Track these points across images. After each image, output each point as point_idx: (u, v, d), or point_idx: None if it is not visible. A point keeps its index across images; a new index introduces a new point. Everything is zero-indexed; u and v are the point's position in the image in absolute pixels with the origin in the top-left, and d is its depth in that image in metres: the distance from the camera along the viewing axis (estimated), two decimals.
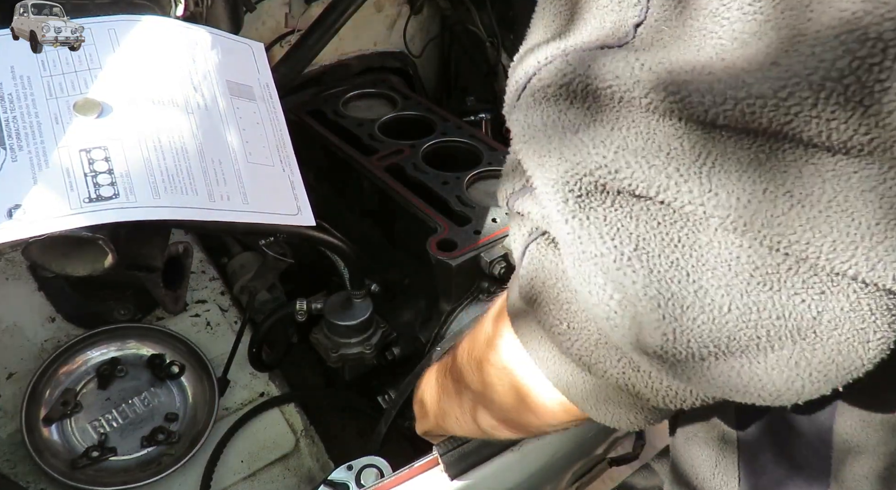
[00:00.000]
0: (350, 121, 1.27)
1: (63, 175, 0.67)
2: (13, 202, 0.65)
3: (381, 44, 1.51)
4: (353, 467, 0.80)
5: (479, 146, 1.21)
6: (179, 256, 1.08)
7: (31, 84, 0.72)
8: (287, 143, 0.86)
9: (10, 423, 1.08)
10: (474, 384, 0.61)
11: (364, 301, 1.09)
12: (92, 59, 0.74)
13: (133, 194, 0.68)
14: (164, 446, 1.10)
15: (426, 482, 0.75)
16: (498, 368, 0.56)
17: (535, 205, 0.44)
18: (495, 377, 0.57)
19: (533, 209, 0.44)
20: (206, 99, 0.79)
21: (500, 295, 0.62)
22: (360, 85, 1.40)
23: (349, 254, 1.01)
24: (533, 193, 0.44)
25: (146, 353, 1.18)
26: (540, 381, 0.50)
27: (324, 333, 1.11)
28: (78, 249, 0.72)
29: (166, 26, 0.80)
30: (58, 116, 0.70)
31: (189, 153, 0.74)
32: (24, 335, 1.16)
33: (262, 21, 1.31)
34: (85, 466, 1.06)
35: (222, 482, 1.10)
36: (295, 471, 1.14)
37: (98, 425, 1.10)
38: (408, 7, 1.51)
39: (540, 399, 0.52)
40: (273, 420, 1.17)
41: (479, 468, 0.77)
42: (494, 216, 1.05)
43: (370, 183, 1.15)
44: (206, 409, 1.14)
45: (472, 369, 0.61)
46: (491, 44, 1.46)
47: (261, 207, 0.77)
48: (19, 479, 1.03)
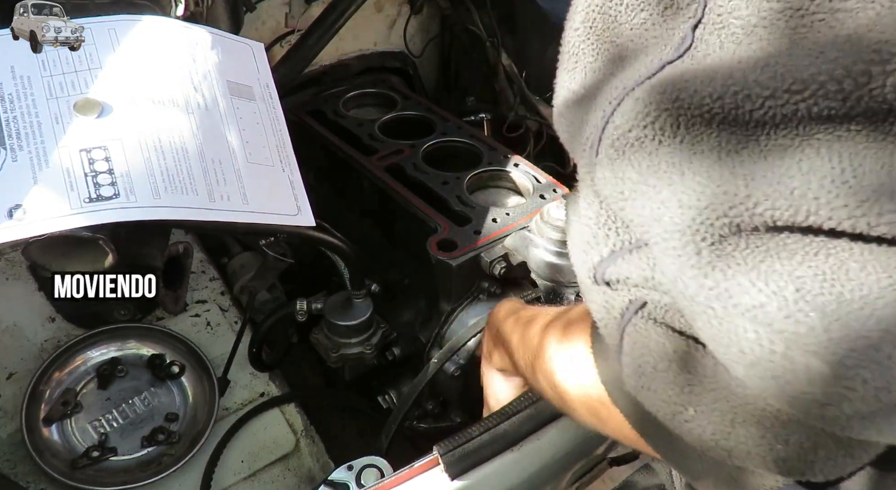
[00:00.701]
0: (350, 121, 1.27)
1: (63, 175, 0.67)
2: (13, 202, 0.65)
3: (381, 44, 1.51)
4: (354, 467, 0.80)
5: (479, 146, 1.21)
6: (179, 256, 1.08)
7: (32, 84, 0.72)
8: (287, 143, 0.86)
9: (10, 423, 1.07)
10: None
11: (364, 301, 1.09)
12: (92, 59, 0.74)
13: (133, 194, 0.68)
14: (164, 446, 1.10)
15: (426, 482, 0.75)
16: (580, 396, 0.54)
17: (636, 267, 0.39)
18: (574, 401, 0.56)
19: (633, 273, 0.39)
20: (206, 99, 0.79)
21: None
22: (360, 85, 1.40)
23: (349, 254, 1.01)
24: (629, 254, 0.39)
25: (146, 353, 1.18)
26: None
27: (324, 333, 1.11)
28: (78, 249, 0.72)
29: (166, 26, 0.80)
30: (58, 116, 0.70)
31: (189, 153, 0.74)
32: (24, 335, 1.16)
33: (262, 21, 1.31)
34: (85, 466, 1.06)
35: (222, 482, 1.10)
36: (295, 471, 1.14)
37: (98, 425, 1.10)
38: (408, 7, 1.51)
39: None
40: (273, 420, 1.17)
41: (479, 468, 0.77)
42: (494, 216, 1.05)
43: (370, 183, 1.15)
44: (206, 409, 1.14)
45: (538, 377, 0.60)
46: (491, 44, 1.46)
47: (261, 207, 0.77)
48: (19, 479, 1.03)
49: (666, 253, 0.35)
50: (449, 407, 1.11)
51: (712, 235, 0.33)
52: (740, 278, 0.32)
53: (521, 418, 0.78)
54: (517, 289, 1.04)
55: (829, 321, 0.31)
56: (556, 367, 0.57)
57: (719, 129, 0.33)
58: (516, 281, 1.03)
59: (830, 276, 0.31)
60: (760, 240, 0.32)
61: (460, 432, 0.77)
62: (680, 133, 0.34)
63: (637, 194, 0.36)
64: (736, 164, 0.32)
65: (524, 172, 1.15)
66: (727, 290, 0.33)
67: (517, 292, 1.03)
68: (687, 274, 0.34)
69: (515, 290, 1.04)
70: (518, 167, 1.16)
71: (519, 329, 0.69)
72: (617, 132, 0.36)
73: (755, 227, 0.32)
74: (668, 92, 0.34)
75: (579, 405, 0.54)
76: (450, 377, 1.02)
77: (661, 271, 0.37)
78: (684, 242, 0.34)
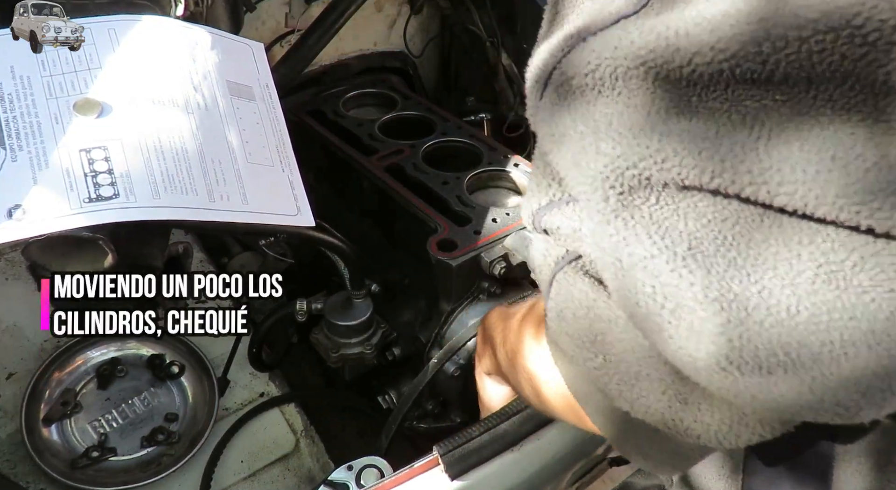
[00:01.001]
0: (350, 121, 1.27)
1: (63, 175, 0.67)
2: (13, 202, 0.65)
3: (381, 44, 1.51)
4: (354, 467, 0.80)
5: (479, 146, 1.21)
6: (179, 256, 1.08)
7: (31, 84, 0.72)
8: (287, 144, 0.86)
9: (10, 423, 1.07)
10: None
11: (364, 301, 1.09)
12: (92, 59, 0.74)
13: (133, 194, 0.68)
14: (164, 446, 1.10)
15: (426, 482, 0.75)
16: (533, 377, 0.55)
17: (566, 218, 0.40)
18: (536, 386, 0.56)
19: (564, 223, 0.40)
20: (206, 99, 0.79)
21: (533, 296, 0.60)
22: (360, 85, 1.40)
23: (349, 254, 1.01)
24: (565, 206, 0.40)
25: (146, 353, 1.18)
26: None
27: (324, 333, 1.11)
28: (78, 249, 0.72)
29: (166, 26, 0.80)
30: (58, 116, 0.70)
31: (189, 153, 0.74)
32: (24, 335, 1.16)
33: (262, 21, 1.31)
34: (85, 467, 1.06)
35: (222, 482, 1.09)
36: (295, 471, 1.14)
37: (98, 425, 1.10)
38: (408, 7, 1.51)
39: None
40: (273, 420, 1.17)
41: (479, 468, 0.77)
42: (494, 216, 1.05)
43: (370, 183, 1.15)
44: (206, 410, 1.14)
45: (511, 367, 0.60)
46: (491, 44, 1.46)
47: (260, 208, 0.77)
48: (19, 479, 1.03)
49: (580, 198, 0.35)
50: (449, 407, 1.11)
51: (621, 185, 0.33)
52: (639, 229, 0.33)
53: (521, 418, 0.78)
54: (517, 289, 1.04)
55: (710, 281, 0.31)
56: (534, 366, 0.57)
57: (654, 85, 0.33)
58: (516, 281, 1.03)
59: (729, 241, 0.31)
60: (672, 198, 0.33)
61: (460, 432, 0.77)
62: (618, 86, 0.34)
63: (565, 139, 0.36)
64: (659, 121, 0.32)
65: (524, 172, 1.15)
66: (625, 238, 0.33)
67: (517, 292, 1.03)
68: (594, 219, 0.34)
69: (515, 290, 1.04)
70: (518, 167, 1.16)
71: (500, 326, 0.69)
72: (561, 78, 0.36)
73: (665, 183, 0.32)
74: (614, 45, 0.34)
75: (560, 401, 0.53)
76: (450, 377, 1.02)
77: (586, 224, 0.37)
78: (594, 188, 0.34)
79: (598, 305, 0.39)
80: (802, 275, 0.31)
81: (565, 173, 0.37)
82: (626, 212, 0.33)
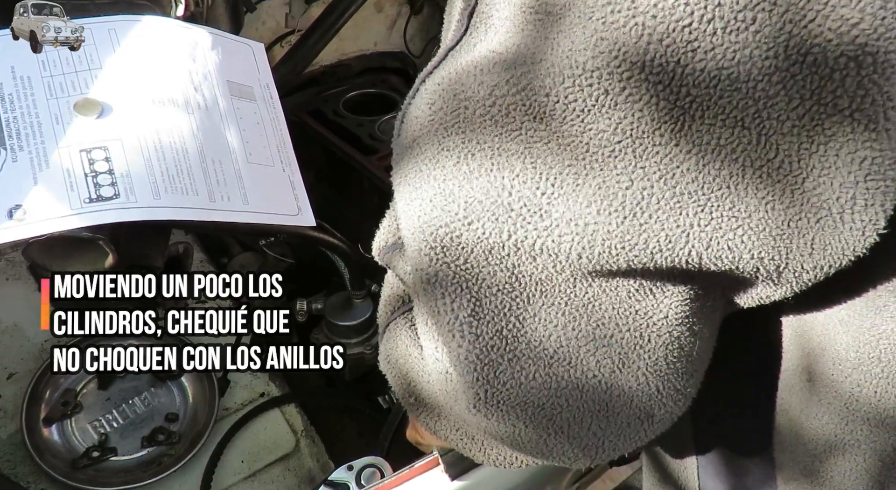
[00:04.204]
0: (350, 121, 1.27)
1: (63, 175, 0.67)
2: (13, 202, 0.65)
3: (381, 44, 1.51)
4: (354, 467, 0.80)
5: None
6: (179, 256, 1.08)
7: (32, 84, 0.72)
8: (287, 144, 0.86)
9: (11, 424, 1.07)
10: None
11: (364, 301, 1.09)
12: (92, 59, 0.74)
13: (133, 194, 0.68)
14: (164, 446, 1.10)
15: (426, 482, 0.75)
16: None
17: (404, 262, 0.42)
18: None
19: (401, 266, 0.43)
20: (206, 99, 0.79)
21: None
22: (360, 85, 1.40)
23: (349, 254, 1.01)
24: (403, 250, 0.42)
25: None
26: None
27: (324, 333, 1.11)
28: (78, 249, 0.72)
29: (166, 26, 0.80)
30: (58, 116, 0.70)
31: (189, 153, 0.74)
32: (24, 335, 1.16)
33: (263, 21, 1.31)
34: (85, 467, 1.06)
35: (222, 482, 1.09)
36: (295, 471, 1.14)
37: (98, 425, 1.10)
38: (408, 7, 1.51)
39: None
40: (273, 420, 1.17)
41: (479, 468, 0.77)
42: None
43: (370, 183, 1.15)
44: (206, 410, 1.14)
45: None
46: None
47: (261, 208, 0.77)
48: (20, 479, 1.03)
49: (407, 245, 0.37)
50: None
51: (434, 241, 0.34)
52: (437, 288, 0.35)
53: None
54: None
55: (474, 347, 0.35)
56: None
57: (464, 125, 0.33)
58: None
59: (506, 313, 0.35)
60: (472, 261, 0.34)
61: None
62: (450, 125, 0.34)
63: (406, 181, 0.36)
64: (462, 170, 0.33)
65: None
66: (427, 293, 0.36)
67: None
68: (416, 272, 0.37)
69: None
70: None
71: None
72: (409, 118, 0.37)
73: (474, 243, 0.34)
74: (444, 83, 0.34)
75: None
76: None
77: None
78: (416, 240, 0.36)
79: (411, 360, 0.45)
80: (546, 350, 0.35)
81: (399, 215, 0.38)
82: (432, 268, 0.35)
